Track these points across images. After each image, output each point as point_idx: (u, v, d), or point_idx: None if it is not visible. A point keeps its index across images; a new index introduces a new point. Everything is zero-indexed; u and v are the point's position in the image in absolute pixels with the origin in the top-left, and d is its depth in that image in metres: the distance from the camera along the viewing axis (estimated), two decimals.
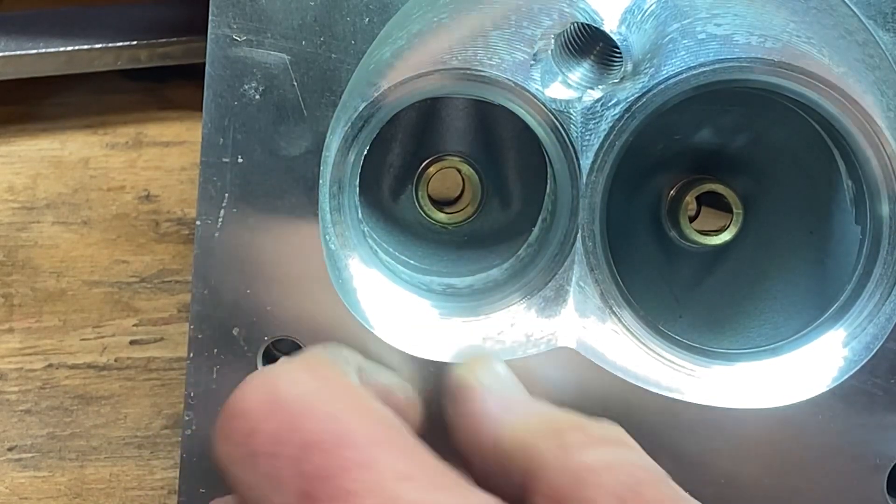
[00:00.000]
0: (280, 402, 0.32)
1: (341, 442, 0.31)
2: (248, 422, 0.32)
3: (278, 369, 0.35)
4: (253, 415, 0.32)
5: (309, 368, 0.34)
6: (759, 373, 0.43)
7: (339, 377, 0.35)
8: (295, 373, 0.34)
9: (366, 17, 0.42)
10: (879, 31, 0.42)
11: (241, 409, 0.33)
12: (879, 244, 0.43)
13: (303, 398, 0.32)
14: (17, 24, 0.56)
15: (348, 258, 0.43)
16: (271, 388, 0.33)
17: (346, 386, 0.35)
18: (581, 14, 0.40)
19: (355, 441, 0.31)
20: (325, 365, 0.36)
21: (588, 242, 0.42)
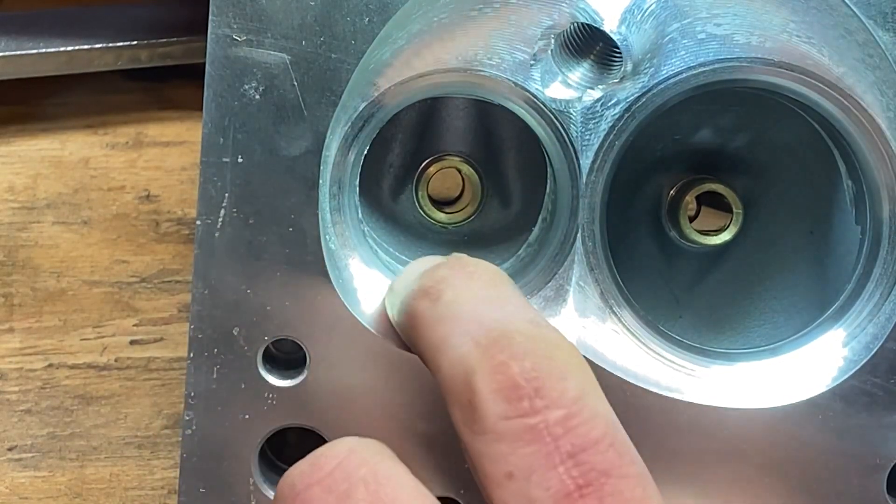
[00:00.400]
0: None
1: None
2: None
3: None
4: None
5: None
6: (759, 373, 0.43)
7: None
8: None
9: (366, 17, 0.42)
10: (879, 31, 0.42)
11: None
12: (879, 244, 0.43)
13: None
14: (17, 24, 0.56)
15: (348, 258, 0.43)
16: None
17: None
18: (581, 14, 0.40)
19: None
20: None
21: (588, 242, 0.43)
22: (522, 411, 0.31)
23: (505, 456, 0.31)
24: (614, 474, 0.31)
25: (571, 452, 0.31)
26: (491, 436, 0.31)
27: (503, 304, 0.35)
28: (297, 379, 0.43)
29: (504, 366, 0.32)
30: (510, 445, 0.31)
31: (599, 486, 0.30)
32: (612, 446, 0.31)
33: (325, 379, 0.43)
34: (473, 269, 0.36)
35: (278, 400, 0.43)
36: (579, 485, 0.30)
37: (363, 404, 0.43)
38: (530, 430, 0.31)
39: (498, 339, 0.33)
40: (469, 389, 0.32)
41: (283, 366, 0.44)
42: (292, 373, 0.43)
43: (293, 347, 0.43)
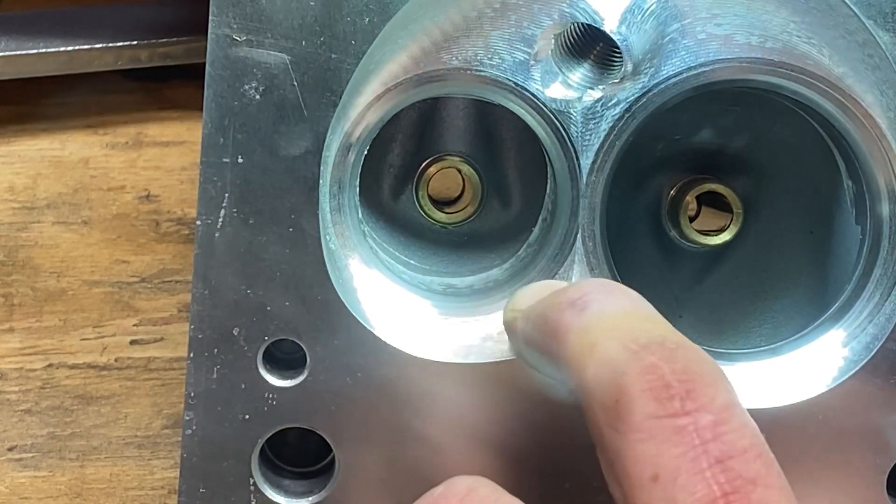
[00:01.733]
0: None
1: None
2: None
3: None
4: None
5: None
6: (759, 373, 0.43)
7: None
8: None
9: (366, 17, 0.42)
10: (879, 31, 0.42)
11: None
12: (879, 244, 0.43)
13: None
14: (17, 24, 0.56)
15: (348, 258, 0.43)
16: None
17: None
18: (581, 14, 0.40)
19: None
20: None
21: (588, 242, 0.42)
22: (673, 411, 0.31)
23: (652, 457, 0.31)
24: (760, 483, 0.30)
25: (720, 458, 0.30)
26: (638, 435, 0.31)
27: (649, 317, 0.35)
28: (297, 379, 0.43)
29: (655, 366, 0.32)
30: (658, 446, 0.31)
31: (746, 494, 0.30)
32: (759, 457, 0.31)
33: (325, 379, 0.43)
34: (614, 287, 0.37)
35: (278, 400, 0.43)
36: (725, 491, 0.30)
37: (363, 404, 0.43)
38: (680, 431, 0.31)
39: (649, 343, 0.33)
40: (617, 389, 0.32)
41: (283, 366, 0.44)
42: (292, 373, 0.43)
43: (293, 347, 0.43)
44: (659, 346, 0.32)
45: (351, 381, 0.43)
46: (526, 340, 0.39)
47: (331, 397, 0.43)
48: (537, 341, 0.37)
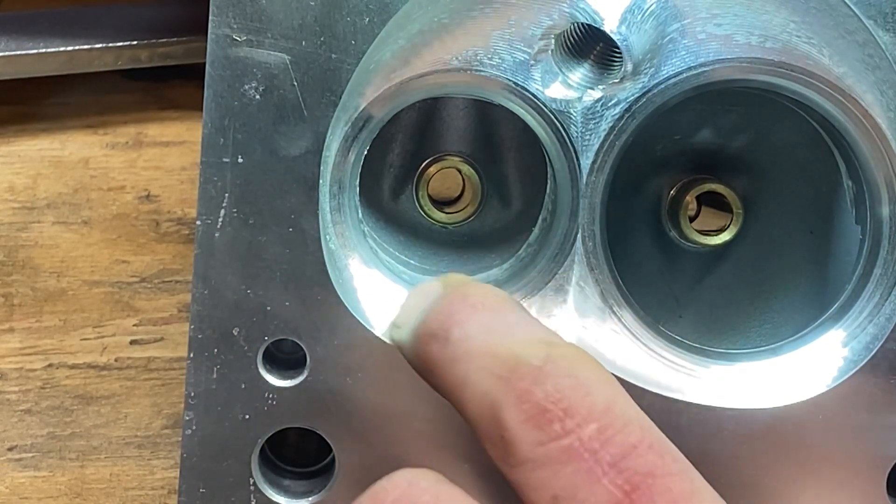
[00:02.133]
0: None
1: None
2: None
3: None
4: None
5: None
6: (759, 373, 0.43)
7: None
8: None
9: (366, 17, 0.42)
10: (879, 31, 0.42)
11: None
12: (879, 244, 0.43)
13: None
14: (17, 24, 0.56)
15: (348, 258, 0.43)
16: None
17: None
18: (581, 14, 0.40)
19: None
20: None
21: (588, 242, 0.42)
22: (555, 434, 0.31)
23: (547, 481, 0.31)
24: (658, 473, 0.31)
25: (612, 462, 0.31)
26: (529, 465, 0.31)
27: (513, 331, 0.35)
28: (297, 379, 0.43)
29: (528, 393, 0.32)
30: (550, 470, 0.31)
31: (647, 487, 0.30)
32: (651, 448, 0.31)
33: (325, 379, 0.43)
34: (475, 299, 0.36)
35: (278, 400, 0.43)
36: (626, 491, 0.30)
37: (363, 404, 0.43)
38: (567, 451, 0.31)
39: (515, 367, 0.32)
40: (499, 425, 0.32)
41: (283, 366, 0.44)
42: (292, 373, 0.43)
43: (293, 347, 0.43)
44: (527, 369, 0.32)
45: (351, 381, 0.43)
46: (414, 368, 0.38)
47: (331, 397, 0.43)
48: (419, 373, 0.37)
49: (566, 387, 0.32)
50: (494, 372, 0.33)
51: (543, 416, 0.31)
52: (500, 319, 0.35)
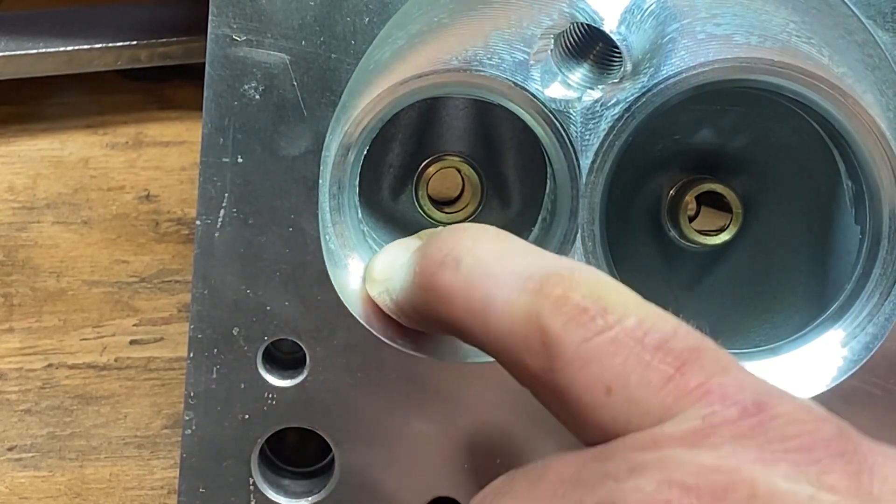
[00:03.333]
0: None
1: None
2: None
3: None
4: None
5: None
6: (758, 373, 0.43)
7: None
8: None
9: (366, 17, 0.42)
10: (879, 31, 0.42)
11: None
12: (879, 244, 0.43)
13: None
14: (17, 24, 0.56)
15: (348, 258, 0.43)
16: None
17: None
18: (581, 14, 0.40)
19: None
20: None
21: (588, 242, 0.42)
22: (599, 328, 0.32)
23: (598, 375, 0.31)
24: (703, 347, 0.32)
25: (658, 346, 0.31)
26: (577, 363, 0.32)
27: (524, 252, 0.36)
28: (297, 379, 0.43)
29: (564, 298, 0.32)
30: (599, 364, 0.31)
31: (695, 359, 0.31)
32: (688, 332, 0.32)
33: (325, 379, 0.43)
34: (475, 230, 0.37)
35: (278, 400, 0.43)
36: (677, 366, 0.31)
37: (363, 404, 0.43)
38: (613, 342, 0.31)
39: (545, 278, 0.33)
40: (539, 331, 0.32)
41: (283, 366, 0.44)
42: (292, 373, 0.43)
43: (293, 347, 0.43)
44: (557, 277, 0.33)
45: (351, 381, 0.43)
46: (403, 312, 0.39)
47: (331, 397, 0.43)
48: (419, 310, 0.37)
49: (598, 288, 0.33)
50: (523, 287, 0.33)
51: (585, 314, 0.32)
52: (509, 243, 0.36)
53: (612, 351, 0.31)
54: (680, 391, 0.31)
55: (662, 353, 0.31)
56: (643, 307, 0.33)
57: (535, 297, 0.33)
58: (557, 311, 0.32)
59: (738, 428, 0.30)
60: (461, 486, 0.44)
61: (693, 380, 0.31)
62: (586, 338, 0.32)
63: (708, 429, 0.30)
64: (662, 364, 0.31)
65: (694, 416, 0.30)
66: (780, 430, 0.30)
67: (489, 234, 0.37)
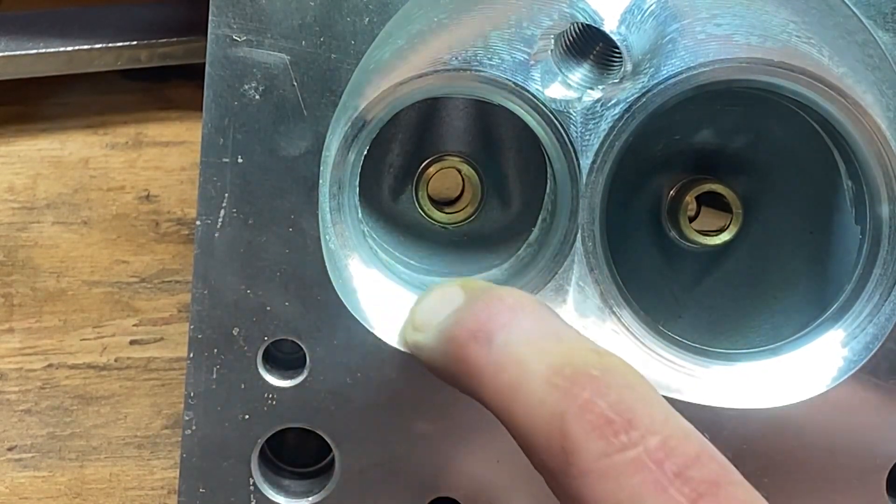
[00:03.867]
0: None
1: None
2: None
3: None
4: None
5: None
6: (759, 373, 0.43)
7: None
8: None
9: (366, 17, 0.42)
10: (879, 31, 0.42)
11: None
12: (879, 244, 0.43)
13: None
14: (17, 24, 0.56)
15: (348, 258, 0.43)
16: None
17: None
18: (581, 14, 0.40)
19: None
20: None
21: (588, 242, 0.42)
22: (622, 445, 0.31)
23: (613, 493, 0.31)
24: (723, 482, 0.31)
25: (677, 472, 0.30)
26: (593, 476, 0.31)
27: (560, 337, 0.35)
28: (297, 379, 0.43)
29: (591, 404, 0.32)
30: (615, 481, 0.31)
31: (713, 495, 0.30)
32: (712, 458, 0.31)
33: (325, 379, 0.43)
34: (513, 302, 0.36)
35: (278, 400, 0.43)
36: (693, 499, 0.30)
37: (363, 404, 0.43)
38: (633, 462, 0.31)
39: (574, 377, 0.32)
40: (560, 434, 0.32)
41: (283, 366, 0.44)
42: (292, 373, 0.43)
43: (293, 347, 0.43)
44: (587, 378, 0.32)
45: (351, 381, 0.43)
46: (437, 372, 0.38)
47: (331, 397, 0.43)
48: (450, 377, 0.36)
49: (627, 398, 0.32)
50: (550, 380, 0.32)
51: (609, 427, 0.31)
52: (545, 325, 0.35)
53: (631, 471, 0.31)
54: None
55: (681, 482, 0.30)
56: (669, 423, 0.32)
57: (561, 397, 0.32)
58: (582, 417, 0.31)
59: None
60: (461, 486, 0.44)
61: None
62: (607, 452, 0.31)
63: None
64: (679, 494, 0.30)
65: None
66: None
67: (526, 311, 0.35)
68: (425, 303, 0.39)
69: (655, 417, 0.32)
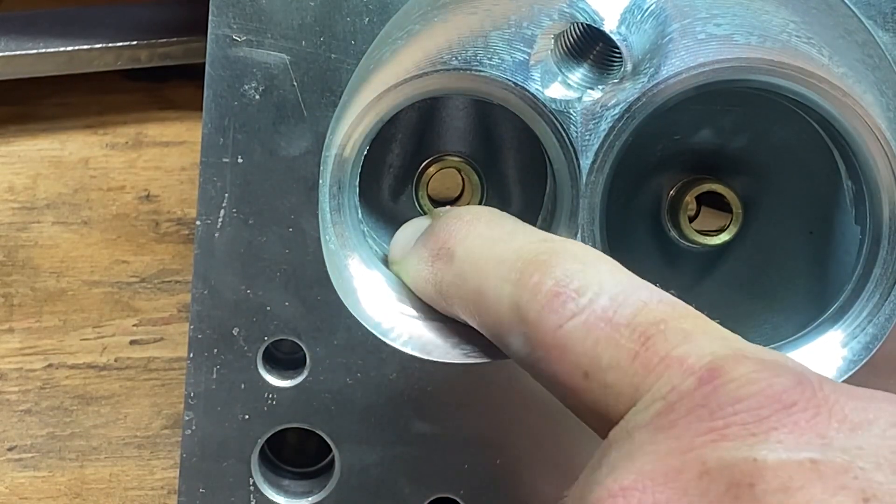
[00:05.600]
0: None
1: None
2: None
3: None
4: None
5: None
6: None
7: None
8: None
9: (366, 17, 0.42)
10: (879, 31, 0.42)
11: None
12: (879, 244, 0.43)
13: None
14: (17, 24, 0.56)
15: (348, 258, 0.43)
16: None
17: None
18: (581, 14, 0.40)
19: None
20: None
21: (588, 242, 0.42)
22: (571, 313, 0.32)
23: (574, 361, 0.31)
24: (670, 318, 0.31)
25: (626, 322, 0.31)
26: (555, 351, 0.32)
27: (513, 237, 0.36)
28: (297, 379, 0.43)
29: (540, 284, 0.33)
30: (573, 349, 0.31)
31: (660, 332, 0.31)
32: (661, 301, 0.32)
33: (325, 379, 0.43)
34: (469, 216, 0.38)
35: (278, 400, 0.43)
36: (642, 342, 0.31)
37: (363, 404, 0.43)
38: (584, 325, 0.31)
39: (524, 266, 0.33)
40: (520, 321, 0.33)
41: (283, 366, 0.44)
42: (292, 373, 0.43)
43: (293, 347, 0.43)
44: (535, 264, 0.33)
45: (351, 381, 0.43)
46: (418, 294, 0.40)
47: (331, 397, 0.43)
48: (431, 300, 0.39)
49: (573, 269, 0.33)
50: (504, 277, 0.34)
51: (557, 300, 0.32)
52: (499, 229, 0.37)
53: (584, 334, 0.31)
54: (645, 368, 0.30)
55: (629, 330, 0.31)
56: (618, 282, 0.32)
57: (515, 287, 0.33)
58: (533, 299, 0.33)
59: (694, 399, 0.29)
60: (461, 486, 0.44)
61: (655, 355, 0.30)
62: (560, 324, 0.32)
63: (668, 407, 0.29)
64: (629, 342, 0.31)
65: (657, 394, 0.30)
66: (731, 395, 0.29)
67: (482, 220, 0.37)
68: (399, 235, 0.42)
69: (604, 280, 0.32)
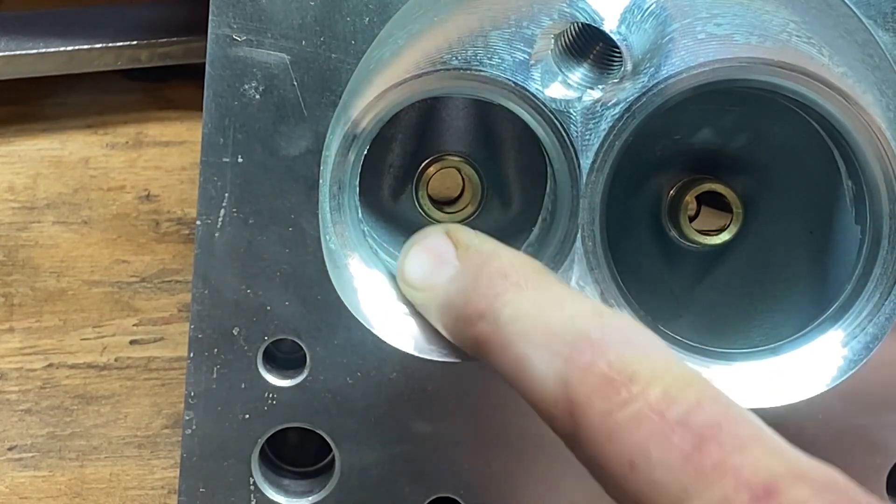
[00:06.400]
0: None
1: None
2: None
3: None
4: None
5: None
6: (758, 373, 0.43)
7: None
8: None
9: (366, 17, 0.42)
10: (879, 31, 0.42)
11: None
12: (879, 244, 0.43)
13: None
14: (17, 24, 0.56)
15: (348, 258, 0.43)
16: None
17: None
18: (581, 14, 0.40)
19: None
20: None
21: (588, 242, 0.42)
22: (623, 402, 0.31)
23: (621, 449, 0.31)
24: (725, 423, 0.31)
25: (680, 420, 0.31)
26: (602, 437, 0.31)
27: (562, 304, 0.35)
28: (297, 379, 0.43)
29: (592, 366, 0.32)
30: (621, 438, 0.31)
31: (714, 436, 0.30)
32: (714, 401, 0.32)
33: (325, 378, 0.43)
34: (516, 276, 0.36)
35: (278, 400, 0.43)
36: (696, 444, 0.30)
37: (363, 404, 0.43)
38: (636, 417, 0.31)
39: (575, 342, 0.33)
40: (566, 401, 0.32)
41: (283, 366, 0.44)
42: (292, 373, 0.43)
43: (293, 347, 0.43)
44: (587, 342, 0.33)
45: (351, 381, 0.43)
46: (437, 327, 0.39)
47: (331, 397, 0.43)
48: (468, 350, 0.37)
49: (627, 354, 0.32)
50: (555, 350, 0.33)
51: (610, 386, 0.32)
52: (548, 294, 0.36)
53: (635, 425, 0.31)
54: (697, 472, 0.30)
55: (683, 429, 0.31)
56: (670, 372, 0.32)
57: (564, 364, 0.33)
58: (584, 381, 0.32)
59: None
60: (461, 486, 0.44)
61: (709, 460, 0.30)
62: (610, 411, 0.31)
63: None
64: (682, 442, 0.30)
65: (709, 500, 0.30)
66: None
67: (530, 283, 0.36)
68: (416, 259, 0.41)
69: (656, 369, 0.32)
